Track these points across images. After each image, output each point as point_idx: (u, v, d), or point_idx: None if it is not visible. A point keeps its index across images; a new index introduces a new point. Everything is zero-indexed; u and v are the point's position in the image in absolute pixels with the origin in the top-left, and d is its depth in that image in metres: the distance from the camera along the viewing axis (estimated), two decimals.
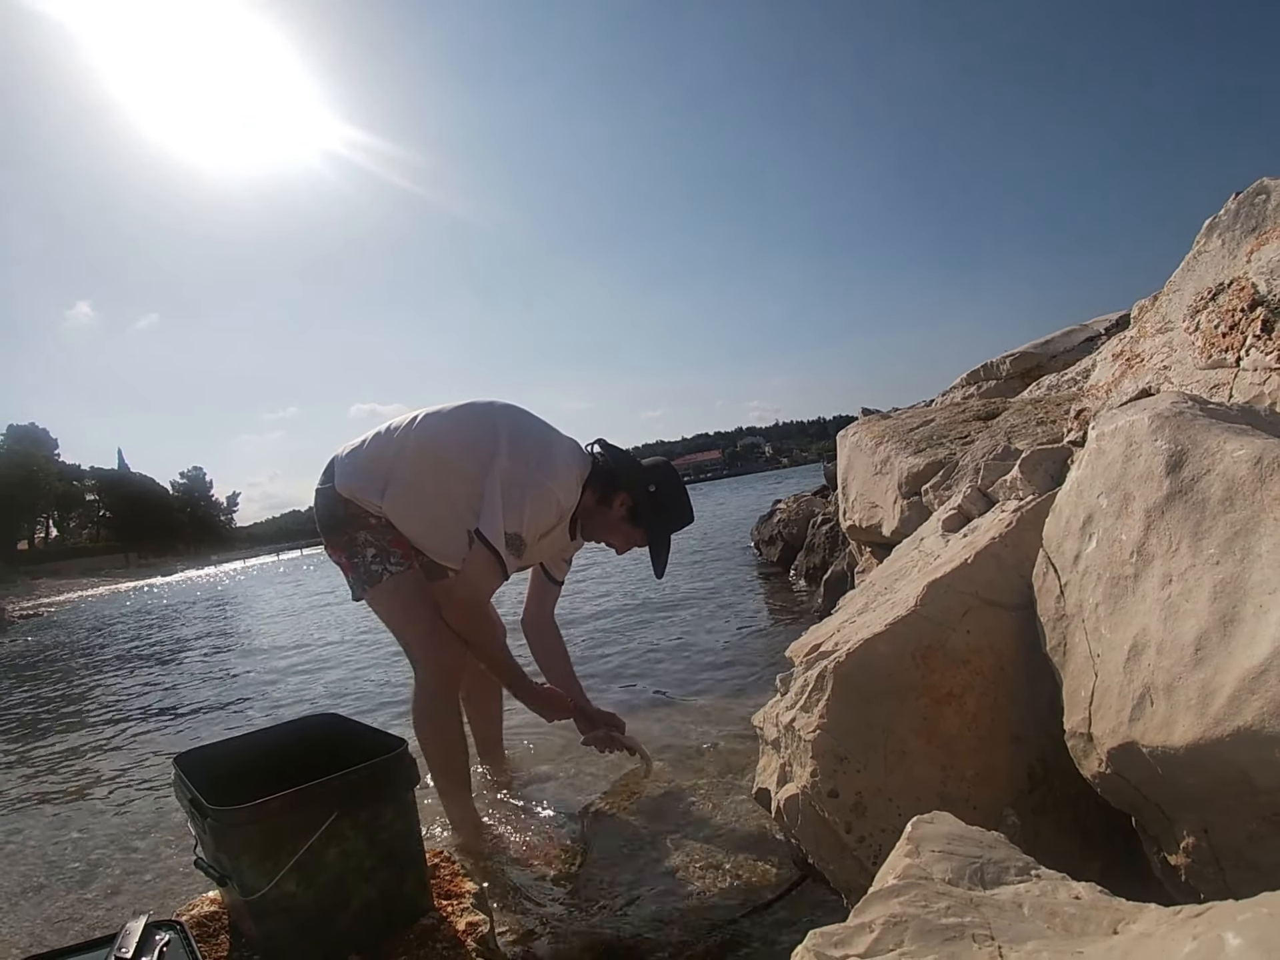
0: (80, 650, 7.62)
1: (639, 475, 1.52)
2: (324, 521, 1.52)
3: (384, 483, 1.49)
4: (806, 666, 1.09)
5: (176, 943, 0.91)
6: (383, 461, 1.51)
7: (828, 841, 1.00)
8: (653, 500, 1.51)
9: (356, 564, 1.49)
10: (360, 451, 1.54)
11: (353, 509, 1.49)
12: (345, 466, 1.52)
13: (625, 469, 1.53)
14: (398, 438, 1.53)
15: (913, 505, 1.99)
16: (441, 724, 1.50)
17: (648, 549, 1.57)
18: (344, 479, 1.49)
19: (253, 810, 0.88)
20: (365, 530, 1.49)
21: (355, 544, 1.49)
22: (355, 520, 1.49)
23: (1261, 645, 0.63)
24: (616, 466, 1.53)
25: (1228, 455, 0.75)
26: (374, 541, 1.48)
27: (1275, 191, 1.23)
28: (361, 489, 1.48)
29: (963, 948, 0.48)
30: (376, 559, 1.48)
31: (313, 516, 1.57)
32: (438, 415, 1.54)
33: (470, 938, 0.95)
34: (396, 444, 1.53)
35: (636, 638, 3.53)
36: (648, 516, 1.52)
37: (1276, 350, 1.08)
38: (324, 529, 1.53)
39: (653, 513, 1.52)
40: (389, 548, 1.49)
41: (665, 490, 1.53)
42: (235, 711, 3.34)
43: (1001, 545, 1.06)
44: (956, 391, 4.11)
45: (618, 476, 1.52)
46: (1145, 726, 0.73)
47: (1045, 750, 0.96)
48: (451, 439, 1.51)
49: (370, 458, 1.52)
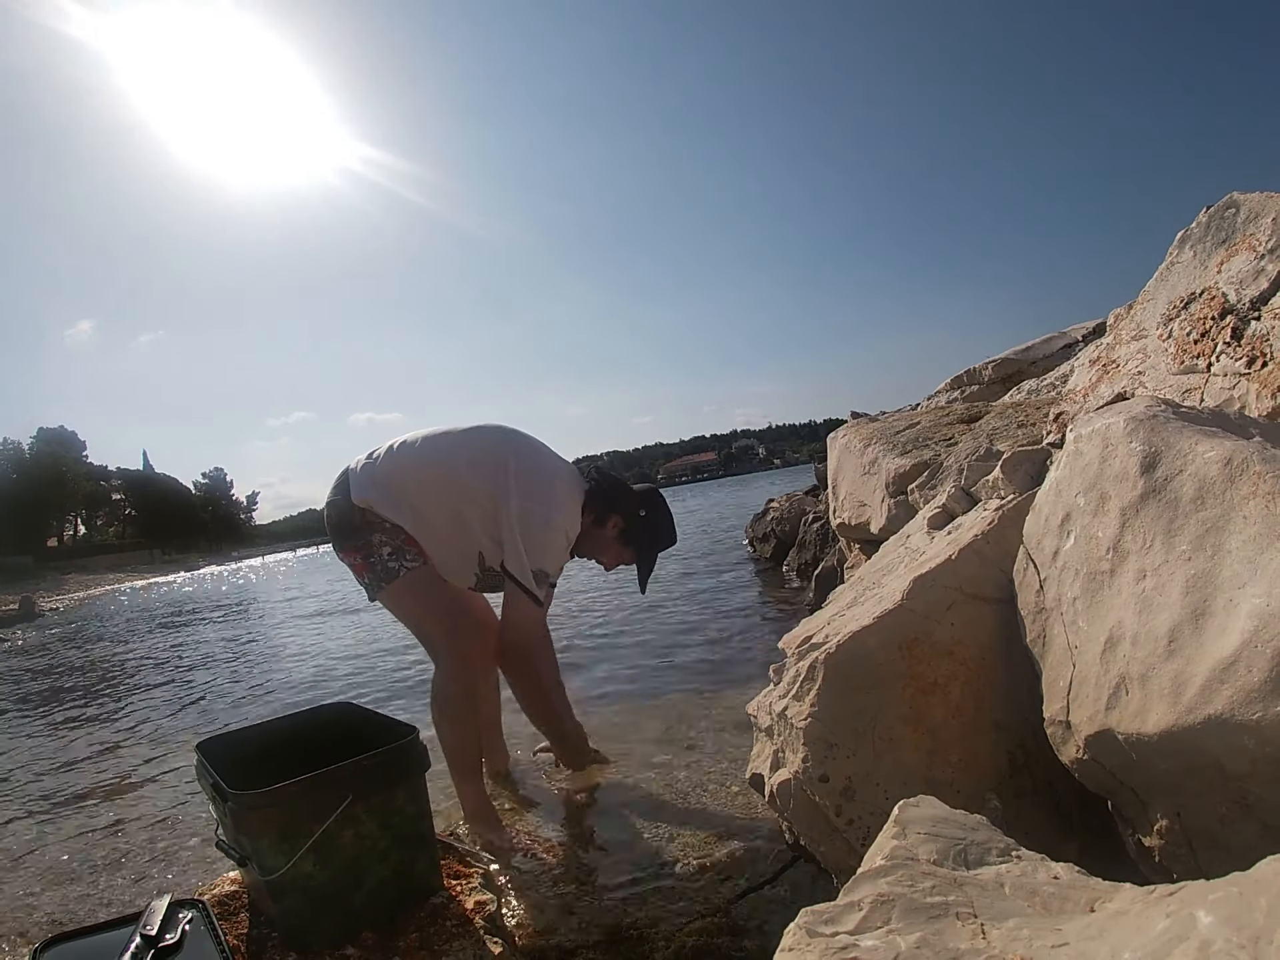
0: (106, 641, 7.63)
1: (632, 500, 1.62)
2: (338, 529, 1.55)
3: (398, 498, 1.53)
4: (798, 657, 1.11)
5: (199, 920, 0.94)
6: (395, 478, 1.54)
7: (819, 824, 1.02)
8: (643, 523, 1.62)
9: (373, 563, 1.51)
10: (374, 467, 1.56)
11: (369, 516, 1.52)
12: (361, 481, 1.54)
13: (619, 494, 1.62)
14: (410, 457, 1.57)
15: (899, 504, 2.02)
16: (460, 711, 1.52)
17: (634, 566, 1.67)
18: (361, 492, 1.52)
19: (271, 794, 0.90)
20: (380, 533, 1.52)
21: (370, 545, 1.51)
22: (370, 526, 1.52)
23: (1231, 637, 0.66)
24: (611, 491, 1.62)
25: (1199, 456, 0.77)
26: (389, 541, 1.51)
27: (1244, 205, 1.27)
28: (378, 503, 1.52)
29: (947, 925, 0.50)
30: (393, 556, 1.51)
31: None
32: (449, 436, 1.60)
33: (478, 915, 0.99)
34: (409, 462, 1.57)
35: (633, 629, 3.58)
36: (638, 538, 1.63)
37: (1246, 356, 1.12)
38: (338, 536, 1.55)
39: (643, 534, 1.63)
40: (404, 546, 1.52)
41: (654, 514, 1.64)
42: (255, 700, 3.38)
43: (984, 542, 1.09)
44: (941, 396, 4.18)
45: (612, 500, 1.61)
46: (1121, 715, 0.75)
47: (1025, 737, 0.99)
48: (463, 463, 1.56)
49: (385, 474, 1.55)
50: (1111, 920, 0.47)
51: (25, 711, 4.03)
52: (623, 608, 4.27)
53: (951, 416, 2.44)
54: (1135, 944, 0.41)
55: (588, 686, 2.62)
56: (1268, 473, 0.70)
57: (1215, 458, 0.76)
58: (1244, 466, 0.73)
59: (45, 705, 4.14)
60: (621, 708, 2.35)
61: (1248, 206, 1.26)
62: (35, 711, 3.97)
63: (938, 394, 4.24)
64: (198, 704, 3.48)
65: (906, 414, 2.81)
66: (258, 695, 3.49)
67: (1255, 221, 1.23)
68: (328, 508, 1.57)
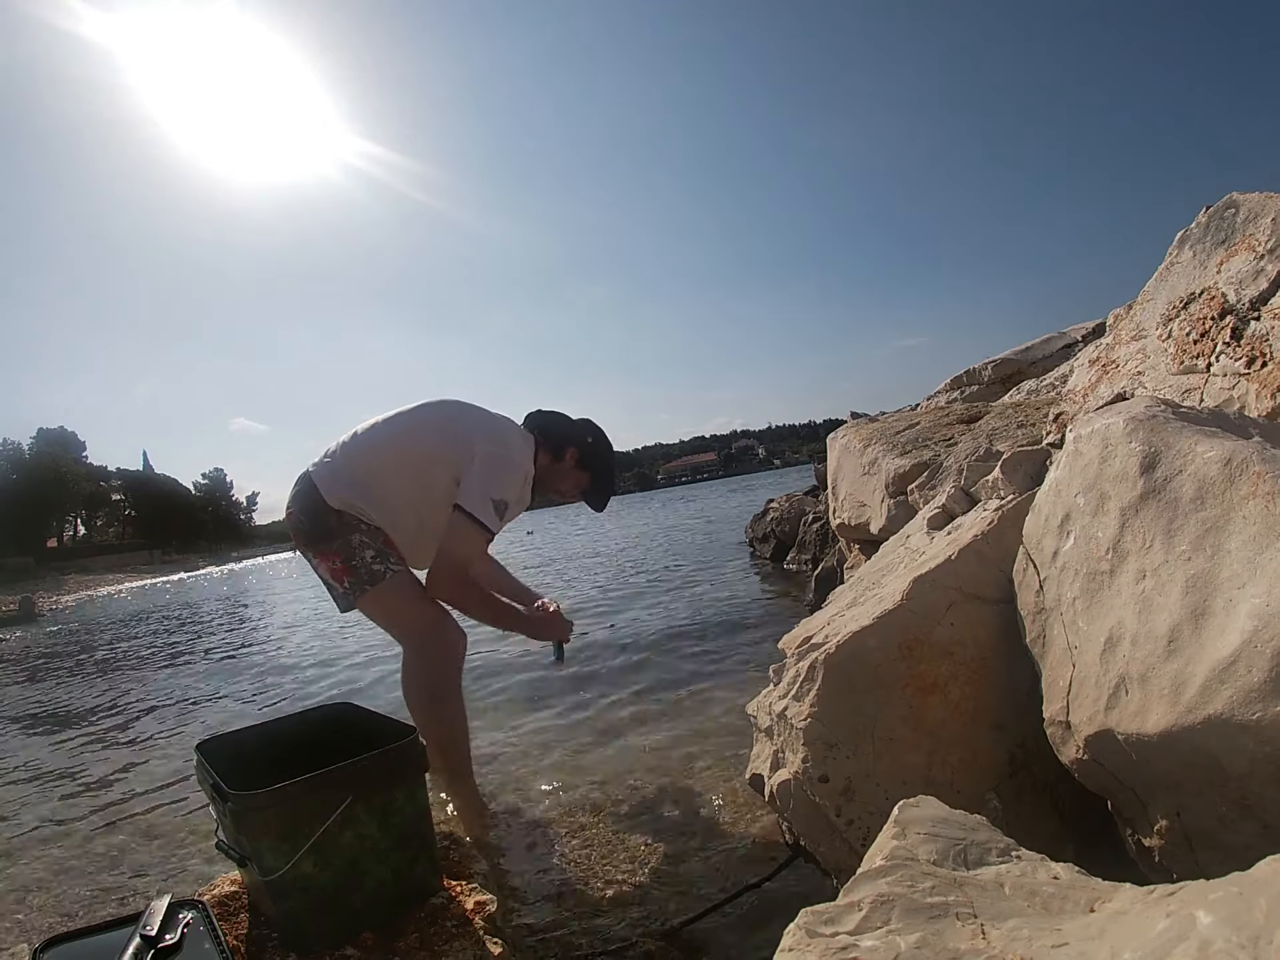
0: (105, 641, 7.63)
1: (578, 430, 1.76)
2: (313, 532, 1.53)
3: (369, 488, 1.53)
4: (798, 658, 1.11)
5: (198, 920, 0.94)
6: (360, 467, 1.55)
7: (818, 824, 1.02)
8: (594, 448, 1.76)
9: (355, 565, 1.50)
10: (336, 464, 1.56)
11: (345, 518, 1.51)
12: (327, 478, 1.54)
13: (564, 428, 1.75)
14: (374, 439, 1.58)
15: (899, 504, 2.02)
16: (448, 709, 1.53)
17: (585, 496, 1.80)
18: (332, 489, 1.52)
19: (271, 795, 0.90)
20: (359, 533, 1.51)
21: (351, 546, 1.50)
22: (348, 527, 1.51)
23: (1231, 637, 0.66)
24: (557, 428, 1.75)
25: (1199, 456, 0.77)
26: (370, 544, 1.51)
27: (1244, 206, 1.27)
28: (354, 499, 1.52)
29: (947, 925, 0.50)
30: (377, 559, 1.51)
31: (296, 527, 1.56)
32: (401, 415, 1.64)
33: (478, 916, 0.99)
34: (376, 444, 1.58)
35: (633, 629, 3.59)
36: (594, 462, 1.76)
37: (1245, 356, 1.12)
38: (312, 539, 1.53)
39: (596, 458, 1.76)
40: (385, 549, 1.52)
41: (599, 438, 1.78)
42: (255, 700, 3.39)
43: (983, 542, 1.09)
44: (941, 396, 4.18)
45: (562, 435, 1.74)
46: (1120, 715, 0.75)
47: (1025, 737, 0.99)
48: (429, 431, 1.60)
49: (352, 466, 1.55)
50: (1111, 920, 0.47)
51: (24, 711, 4.03)
52: (623, 607, 4.29)
53: (951, 417, 2.44)
54: (1135, 944, 0.41)
55: (588, 687, 2.62)
56: (1267, 473, 0.70)
57: (1215, 458, 0.75)
58: (1244, 466, 0.73)
59: (44, 705, 4.14)
60: (621, 707, 2.35)
61: (1247, 207, 1.27)
62: (35, 711, 3.97)
63: (937, 394, 4.24)
64: (197, 704, 3.48)
65: (906, 414, 2.81)
66: (257, 695, 3.49)
67: (1255, 222, 1.23)
68: (297, 513, 1.55)
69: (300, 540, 1.56)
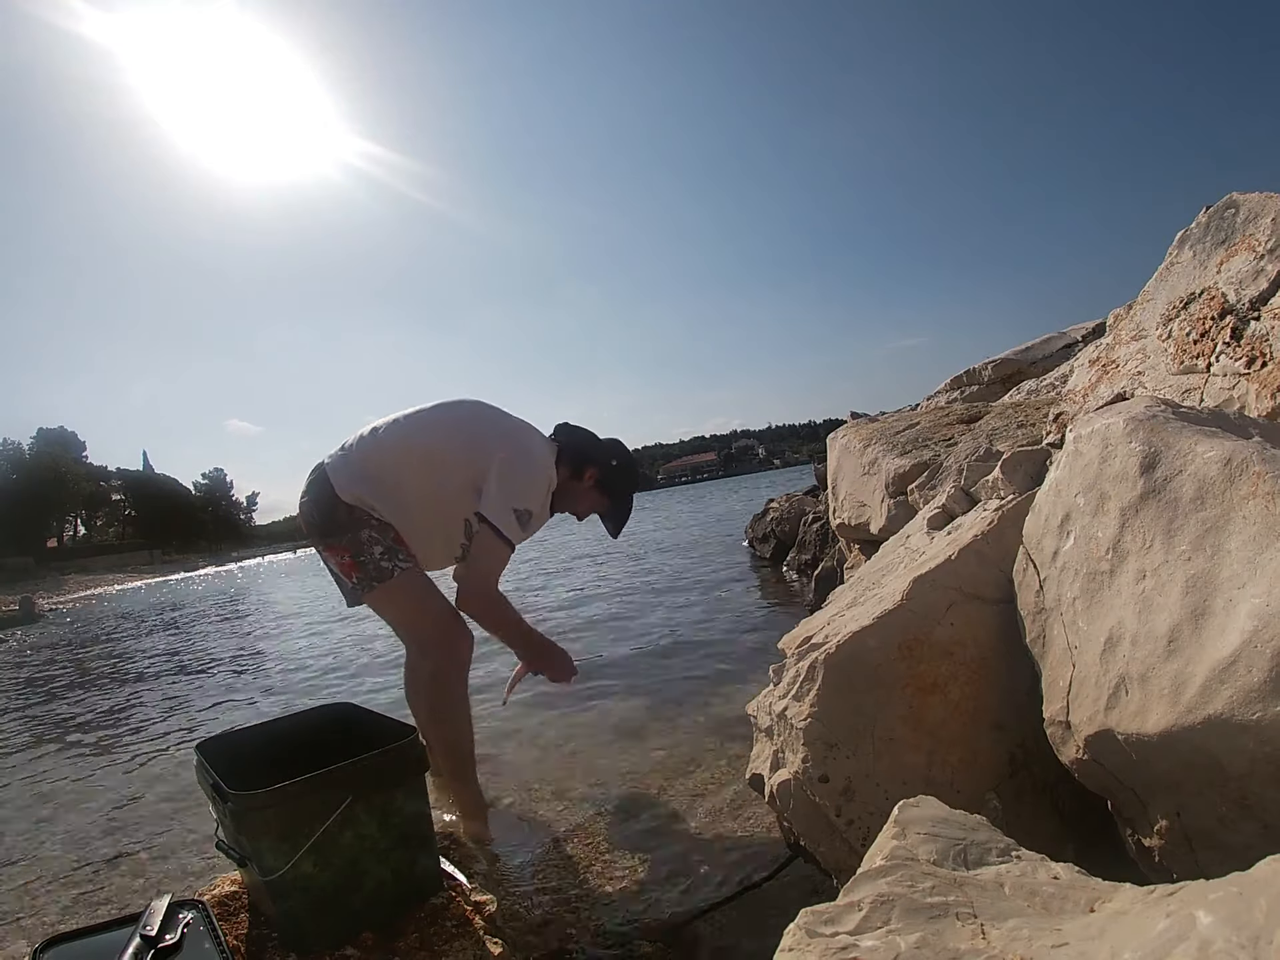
0: (105, 642, 7.63)
1: (603, 451, 1.71)
2: (323, 525, 1.52)
3: (382, 484, 1.51)
4: (798, 658, 1.11)
5: (198, 920, 0.94)
6: (375, 463, 1.53)
7: (818, 824, 1.02)
8: (616, 471, 1.70)
9: (364, 561, 1.49)
10: (351, 457, 1.55)
11: (357, 514, 1.50)
12: (340, 471, 1.52)
13: (589, 446, 1.70)
14: (391, 437, 1.56)
15: (899, 504, 2.02)
16: (455, 710, 1.52)
17: (603, 517, 1.76)
18: (347, 485, 1.50)
19: (271, 795, 0.90)
20: (368, 529, 1.50)
21: (360, 542, 1.49)
22: (358, 522, 1.50)
23: (1231, 637, 0.66)
24: (582, 445, 1.69)
25: (1199, 456, 0.77)
26: (380, 540, 1.50)
27: (1244, 206, 1.27)
28: (366, 494, 1.50)
29: (947, 925, 0.49)
30: (385, 555, 1.49)
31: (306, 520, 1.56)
32: (422, 413, 1.61)
33: (478, 916, 0.99)
34: (391, 442, 1.56)
35: (634, 629, 3.59)
36: (614, 486, 1.71)
37: (1245, 356, 1.12)
38: (323, 533, 1.52)
39: (617, 482, 1.71)
40: (394, 545, 1.51)
41: (624, 461, 1.73)
42: (255, 700, 3.39)
43: (983, 542, 1.09)
44: (941, 396, 4.18)
45: (585, 453, 1.68)
46: (1120, 715, 0.75)
47: (1025, 737, 0.99)
48: (447, 432, 1.58)
49: (367, 461, 1.54)
50: (1111, 920, 0.47)
51: (24, 711, 4.03)
52: (623, 607, 4.28)
53: (951, 417, 2.44)
54: (1135, 944, 0.41)
55: (587, 687, 2.62)
56: (1267, 473, 0.70)
57: (1215, 458, 0.75)
58: (1244, 467, 0.73)
59: (44, 705, 4.14)
60: (621, 707, 2.36)
61: (1247, 207, 1.27)
62: (35, 711, 3.98)
63: (937, 394, 4.24)
64: (197, 704, 3.49)
65: (906, 414, 2.81)
66: (258, 695, 3.49)
67: (1255, 222, 1.23)
68: (308, 503, 1.54)
69: (310, 532, 1.55)
